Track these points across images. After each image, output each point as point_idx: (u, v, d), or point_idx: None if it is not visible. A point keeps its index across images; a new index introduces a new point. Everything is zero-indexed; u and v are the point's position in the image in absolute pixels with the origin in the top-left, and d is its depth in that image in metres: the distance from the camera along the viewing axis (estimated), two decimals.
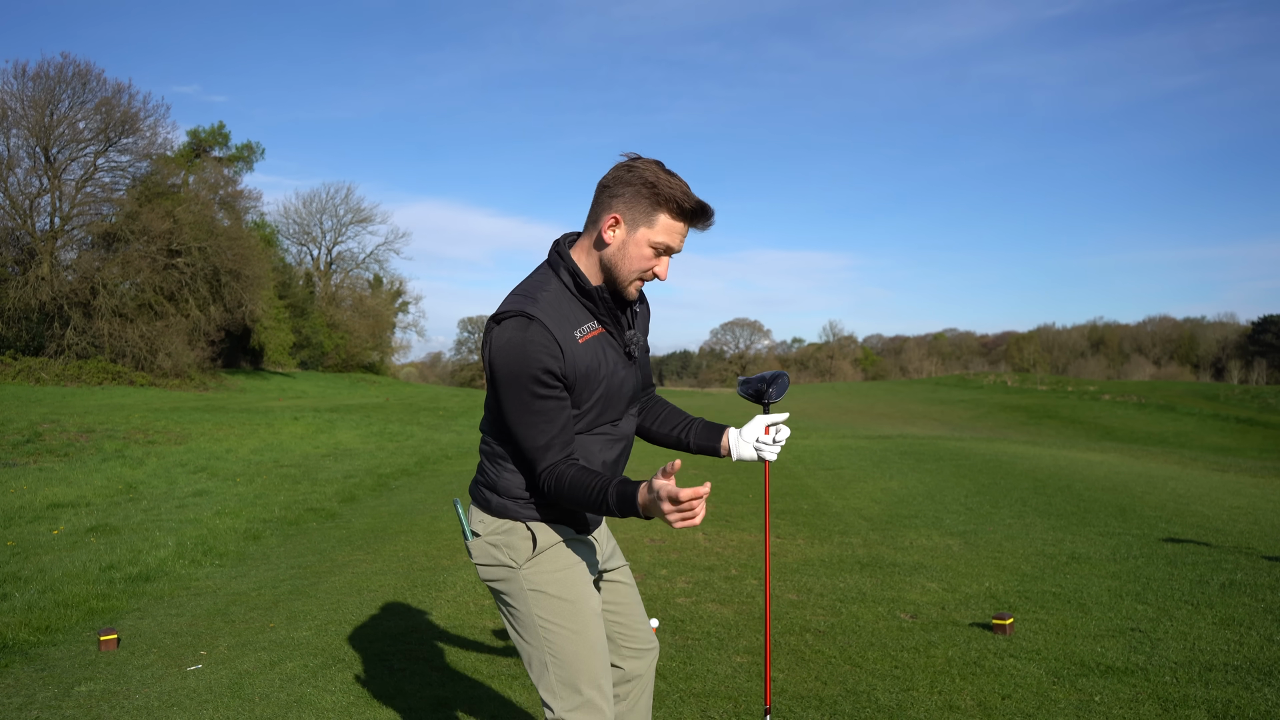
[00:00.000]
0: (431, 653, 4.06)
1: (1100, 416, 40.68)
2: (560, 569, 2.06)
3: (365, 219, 58.28)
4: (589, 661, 2.02)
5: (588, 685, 2.01)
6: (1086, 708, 3.25)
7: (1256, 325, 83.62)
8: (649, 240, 1.96)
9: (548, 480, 1.95)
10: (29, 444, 12.52)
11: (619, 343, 2.06)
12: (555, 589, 2.04)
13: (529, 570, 2.05)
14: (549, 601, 2.04)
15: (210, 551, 6.49)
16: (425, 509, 8.39)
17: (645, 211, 1.95)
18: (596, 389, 2.01)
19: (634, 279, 2.01)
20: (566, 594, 2.04)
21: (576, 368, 1.95)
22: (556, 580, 2.05)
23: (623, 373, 2.07)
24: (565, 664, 2.02)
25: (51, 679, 3.81)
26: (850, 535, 6.59)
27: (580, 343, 1.97)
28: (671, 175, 1.96)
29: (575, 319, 1.98)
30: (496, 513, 2.09)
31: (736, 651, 3.96)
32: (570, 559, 2.08)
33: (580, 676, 2.01)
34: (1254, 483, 10.44)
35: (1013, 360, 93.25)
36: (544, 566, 2.05)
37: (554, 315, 1.95)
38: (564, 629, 2.03)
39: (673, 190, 1.93)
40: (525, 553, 2.05)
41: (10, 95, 30.30)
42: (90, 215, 32.88)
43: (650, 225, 1.95)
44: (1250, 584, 4.94)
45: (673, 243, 1.97)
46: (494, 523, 2.09)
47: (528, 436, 1.94)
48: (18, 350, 30.06)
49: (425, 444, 15.42)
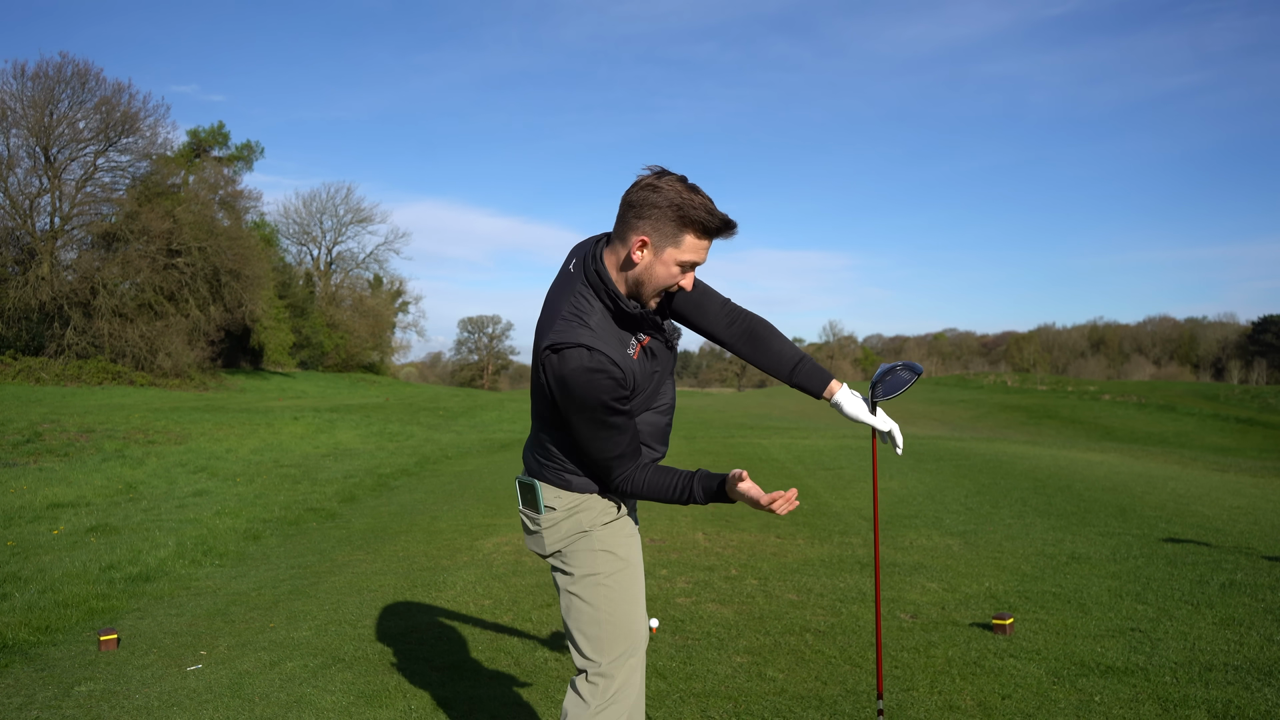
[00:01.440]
0: (431, 653, 4.06)
1: (1100, 416, 40.67)
2: (627, 535, 2.31)
3: (365, 219, 58.34)
4: (638, 619, 2.26)
5: (637, 638, 2.24)
6: (1086, 708, 3.25)
7: (1256, 325, 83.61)
8: (676, 259, 2.07)
9: (623, 485, 2.19)
10: (29, 444, 12.52)
11: (661, 340, 2.21)
12: (622, 550, 2.27)
13: (603, 532, 2.26)
14: (614, 561, 2.25)
15: (210, 551, 6.49)
16: (425, 509, 8.39)
17: (671, 234, 2.03)
18: (648, 386, 2.19)
19: (659, 292, 2.12)
20: (630, 556, 2.29)
21: (635, 380, 2.12)
22: (623, 543, 2.28)
23: (665, 363, 2.24)
24: (618, 620, 2.22)
25: (51, 679, 3.81)
26: (850, 535, 6.59)
27: (634, 359, 2.13)
28: (695, 193, 2.03)
29: (623, 338, 2.12)
30: (578, 490, 2.26)
31: (736, 651, 3.96)
32: (632, 528, 2.35)
33: (629, 630, 2.23)
34: (1254, 483, 10.44)
35: (1013, 360, 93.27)
36: (616, 530, 2.29)
37: (610, 340, 2.08)
38: (622, 588, 2.25)
39: (698, 211, 2.01)
40: (608, 515, 2.27)
41: (10, 95, 30.35)
42: (90, 215, 32.90)
43: (677, 246, 2.05)
44: (1250, 584, 4.94)
45: (698, 259, 2.08)
46: (572, 497, 2.26)
47: (601, 451, 2.13)
48: (18, 350, 30.06)
49: (425, 444, 15.43)
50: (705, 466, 11.24)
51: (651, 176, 2.05)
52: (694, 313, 2.35)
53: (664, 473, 2.16)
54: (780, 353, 2.36)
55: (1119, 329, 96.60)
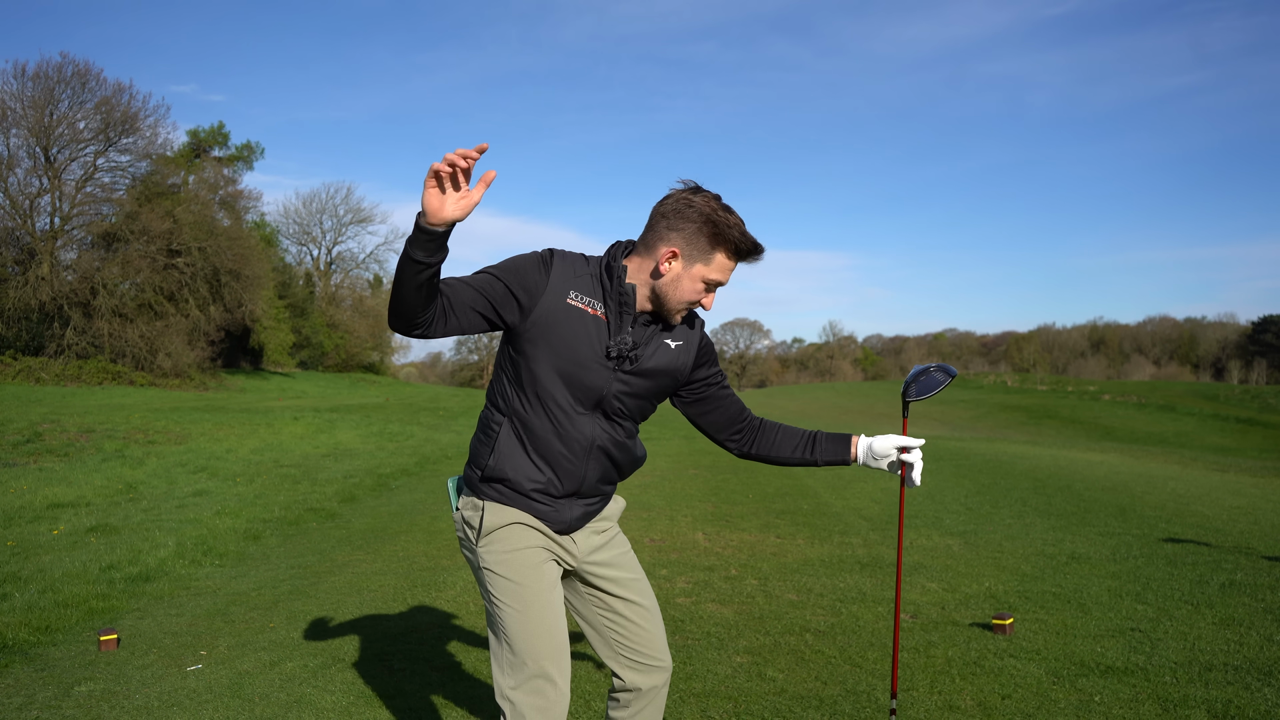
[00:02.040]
0: (431, 653, 4.06)
1: (1100, 416, 40.68)
2: (510, 550, 2.09)
3: (365, 219, 58.34)
4: (534, 644, 2.04)
5: (532, 666, 2.03)
6: (1086, 708, 3.25)
7: (1256, 325, 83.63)
8: (703, 276, 2.03)
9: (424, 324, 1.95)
10: (29, 444, 12.52)
11: (608, 338, 2.05)
12: (503, 569, 2.08)
13: (481, 549, 2.11)
14: (498, 580, 2.08)
15: (210, 551, 6.49)
16: (425, 509, 8.39)
17: (703, 249, 2.01)
18: (555, 360, 2.02)
19: (682, 309, 2.08)
20: (513, 575, 2.07)
21: (544, 315, 1.99)
22: (504, 561, 2.08)
23: (594, 365, 2.04)
24: (513, 643, 2.05)
25: (51, 679, 3.81)
26: (850, 535, 6.59)
27: (566, 302, 2.01)
28: (730, 213, 2.01)
29: (583, 286, 2.04)
30: (469, 487, 2.17)
31: (736, 651, 3.96)
32: (521, 542, 2.10)
33: (525, 657, 2.03)
34: (1254, 483, 10.44)
35: (1013, 360, 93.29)
36: (494, 546, 2.10)
37: (568, 266, 2.03)
38: (511, 608, 2.06)
39: (731, 231, 2.00)
40: (477, 531, 2.12)
41: (10, 95, 30.33)
42: (90, 215, 32.89)
43: (707, 263, 2.02)
44: (1250, 584, 4.94)
45: (723, 279, 2.06)
46: (466, 499, 2.17)
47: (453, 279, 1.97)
48: (18, 350, 30.05)
49: (425, 444, 15.43)
50: (705, 466, 11.25)
51: (687, 191, 2.03)
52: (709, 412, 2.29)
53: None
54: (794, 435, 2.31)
55: (1119, 329, 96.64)
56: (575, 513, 2.16)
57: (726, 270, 2.04)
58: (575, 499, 2.15)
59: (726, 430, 2.32)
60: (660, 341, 2.13)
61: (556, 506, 2.13)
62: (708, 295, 2.07)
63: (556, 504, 2.13)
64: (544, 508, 2.12)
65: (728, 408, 2.30)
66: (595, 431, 2.10)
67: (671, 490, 9.09)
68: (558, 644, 2.07)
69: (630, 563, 2.31)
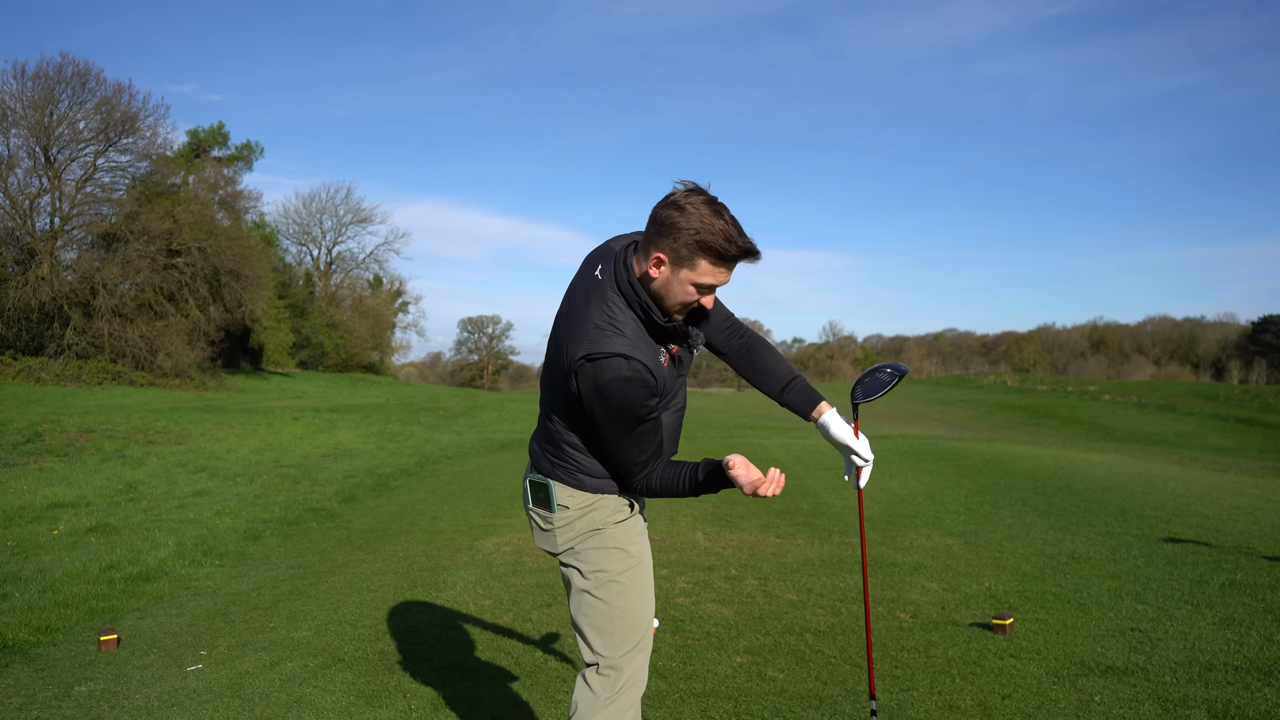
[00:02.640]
0: (431, 653, 4.06)
1: (1100, 416, 40.68)
2: (638, 532, 2.37)
3: (365, 219, 58.34)
4: (647, 614, 2.31)
5: (643, 633, 2.29)
6: (1086, 708, 3.25)
7: (1256, 325, 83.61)
8: (691, 280, 2.08)
9: (642, 482, 2.25)
10: (29, 444, 12.52)
11: (686, 347, 2.27)
12: (634, 548, 2.33)
13: (616, 530, 2.31)
14: (626, 559, 2.31)
15: (210, 551, 6.49)
16: (425, 509, 8.39)
17: (687, 257, 2.04)
18: (672, 389, 2.25)
19: (680, 309, 2.15)
20: (639, 554, 2.34)
21: (664, 386, 2.17)
22: (635, 541, 2.34)
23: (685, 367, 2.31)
24: (629, 614, 2.27)
25: (51, 679, 3.81)
26: (850, 535, 6.59)
27: (665, 366, 2.19)
28: (719, 218, 2.02)
29: (654, 346, 2.17)
30: (592, 490, 2.31)
31: (736, 651, 3.96)
32: (641, 527, 2.40)
33: (637, 625, 2.28)
34: (1254, 483, 10.44)
35: (1013, 360, 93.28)
36: (629, 528, 2.34)
37: (644, 349, 2.11)
38: (634, 584, 2.30)
39: (715, 239, 2.01)
40: (620, 514, 2.32)
41: (10, 95, 30.33)
42: (90, 215, 32.88)
43: (693, 268, 2.06)
44: (1250, 584, 4.94)
45: (716, 281, 2.09)
46: (586, 497, 2.31)
47: (630, 455, 2.19)
48: (18, 350, 30.06)
49: (425, 444, 15.43)
50: None
51: (680, 194, 2.05)
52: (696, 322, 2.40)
53: (672, 468, 2.24)
54: (774, 370, 2.43)
55: (1119, 329, 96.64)
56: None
57: (714, 274, 2.05)
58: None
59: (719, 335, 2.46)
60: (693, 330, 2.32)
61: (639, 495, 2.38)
62: (704, 296, 2.11)
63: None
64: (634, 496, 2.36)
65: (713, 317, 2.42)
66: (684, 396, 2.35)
67: None
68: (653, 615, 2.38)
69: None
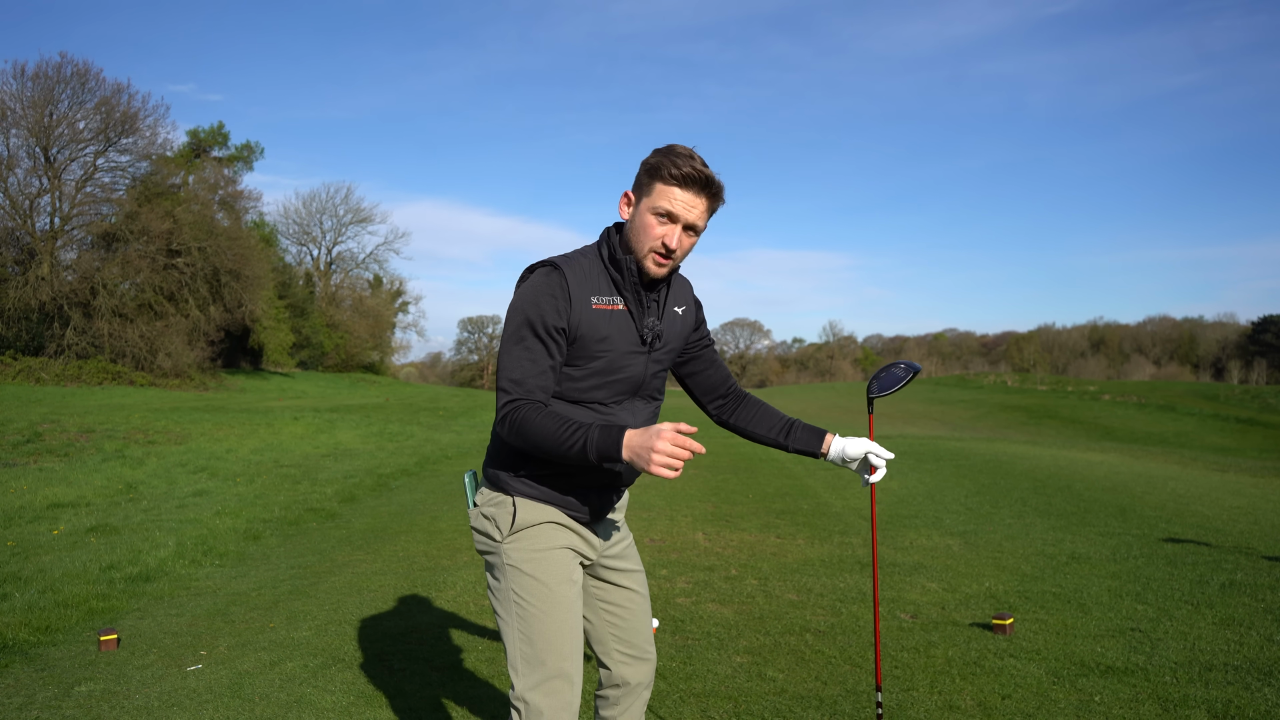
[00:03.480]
0: (431, 653, 4.06)
1: (1100, 416, 40.69)
2: (540, 549, 2.09)
3: (365, 219, 58.34)
4: (555, 644, 2.04)
5: (551, 666, 2.03)
6: (1086, 708, 3.25)
7: (1256, 325, 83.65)
8: (650, 208, 2.04)
9: (511, 415, 1.95)
10: (29, 444, 12.52)
11: (635, 326, 2.10)
12: (530, 568, 2.07)
13: (509, 545, 2.09)
14: (523, 579, 2.07)
15: (210, 551, 6.49)
16: (425, 509, 8.39)
17: (645, 184, 2.06)
18: (595, 361, 2.05)
19: (648, 250, 2.06)
20: (541, 574, 2.07)
21: (580, 329, 2.02)
22: (533, 560, 2.08)
23: (631, 357, 2.09)
24: (532, 642, 2.04)
25: (51, 679, 3.81)
26: (850, 535, 6.59)
27: (594, 309, 2.04)
28: (674, 150, 2.05)
29: (599, 287, 2.07)
30: (491, 483, 2.15)
31: (736, 651, 3.96)
32: (551, 541, 2.10)
33: (545, 657, 2.03)
34: (1254, 483, 10.44)
35: (1013, 360, 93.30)
36: (523, 544, 2.09)
37: (579, 275, 2.05)
38: (535, 608, 2.05)
39: (664, 159, 2.02)
40: (507, 527, 2.09)
41: (10, 95, 30.30)
42: (90, 215, 32.87)
43: (650, 194, 2.04)
44: (1250, 584, 4.94)
45: (674, 209, 2.02)
46: (489, 494, 2.15)
47: (506, 368, 2.00)
48: (18, 350, 30.05)
49: (425, 444, 15.42)
50: (705, 466, 11.22)
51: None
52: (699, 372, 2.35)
53: (558, 419, 1.92)
54: (775, 414, 2.35)
55: (1119, 329, 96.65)
56: (606, 502, 2.19)
57: (671, 198, 2.01)
58: (610, 490, 2.18)
59: (712, 394, 2.38)
60: (670, 310, 2.19)
61: (589, 496, 2.14)
62: (666, 228, 2.03)
63: (590, 494, 2.14)
64: (579, 498, 2.13)
65: (715, 371, 2.37)
66: (632, 419, 2.14)
67: (671, 490, 9.09)
68: (577, 643, 2.09)
69: (633, 554, 2.36)
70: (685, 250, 2.08)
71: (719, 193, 2.06)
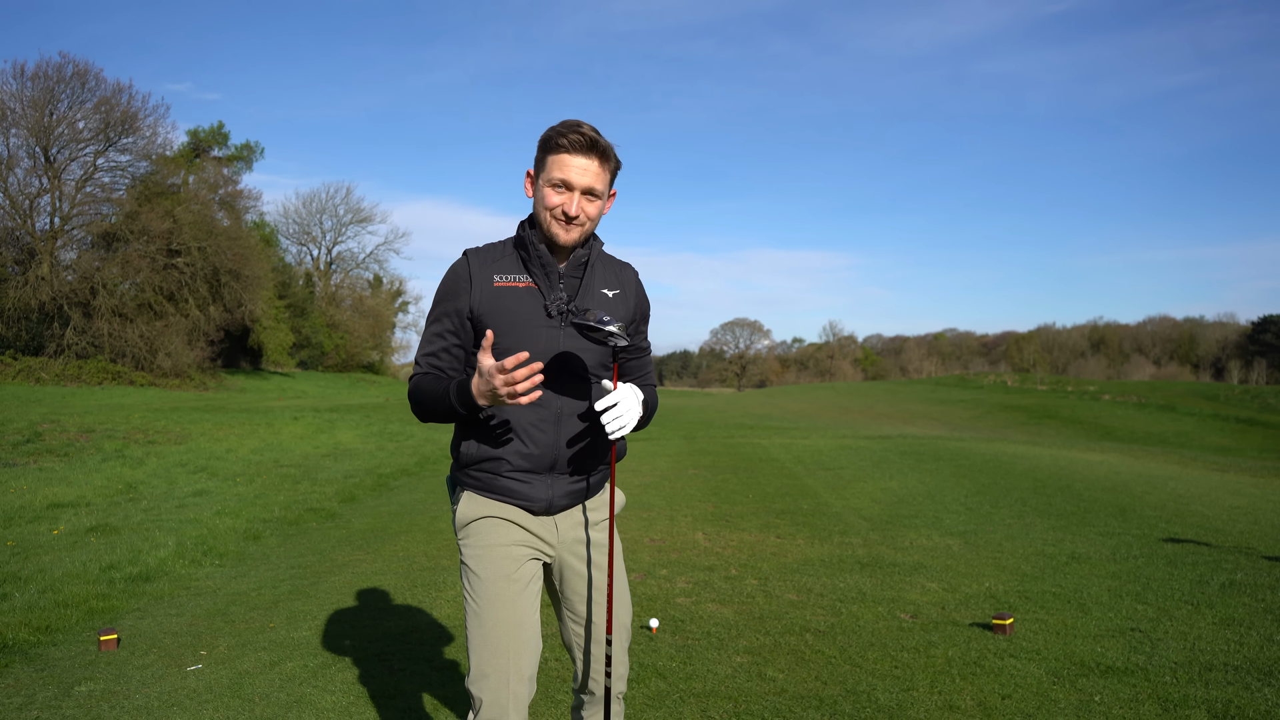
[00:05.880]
0: (431, 653, 4.06)
1: (1100, 416, 40.69)
2: (484, 545, 2.14)
3: (365, 219, 58.35)
4: (491, 640, 2.07)
5: (489, 661, 2.05)
6: (1086, 708, 3.25)
7: (1256, 325, 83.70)
8: (547, 180, 2.10)
9: (411, 384, 2.15)
10: (29, 444, 12.52)
11: (544, 300, 2.13)
12: (475, 564, 2.13)
13: (460, 542, 2.18)
14: (469, 574, 2.14)
15: (210, 551, 6.49)
16: (425, 509, 8.39)
17: (540, 159, 2.13)
18: (501, 340, 2.07)
19: (549, 219, 2.10)
20: (481, 571, 2.12)
21: (481, 305, 2.10)
22: (477, 556, 2.13)
23: (537, 330, 2.10)
24: (474, 636, 2.09)
25: (51, 679, 3.81)
26: (850, 535, 6.59)
27: (494, 286, 2.11)
28: (562, 122, 2.10)
29: (505, 266, 2.15)
30: (450, 482, 2.26)
31: (736, 651, 3.96)
32: (494, 538, 2.14)
33: (483, 652, 2.06)
34: (1254, 483, 10.44)
35: (1013, 360, 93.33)
36: (471, 540, 2.16)
37: (484, 257, 2.16)
38: (474, 605, 2.11)
39: (551, 131, 2.08)
40: (459, 523, 2.19)
41: (10, 95, 30.31)
42: (90, 215, 32.87)
43: (545, 168, 2.11)
44: (1250, 584, 4.95)
45: (568, 176, 2.06)
46: (456, 494, 2.24)
47: (420, 346, 2.18)
48: (18, 350, 30.05)
49: (425, 444, 15.42)
50: (705, 466, 11.23)
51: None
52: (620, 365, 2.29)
53: (438, 379, 2.10)
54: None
55: (1119, 329, 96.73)
56: (558, 490, 2.17)
57: (562, 166, 2.06)
58: (554, 474, 2.16)
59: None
60: (595, 290, 2.19)
61: (534, 483, 2.14)
62: (564, 195, 2.07)
63: (534, 480, 2.14)
64: (522, 485, 2.14)
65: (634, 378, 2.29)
66: (559, 401, 2.13)
67: (671, 490, 9.09)
68: (517, 641, 2.07)
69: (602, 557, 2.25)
70: (591, 216, 2.11)
71: (608, 153, 2.09)
